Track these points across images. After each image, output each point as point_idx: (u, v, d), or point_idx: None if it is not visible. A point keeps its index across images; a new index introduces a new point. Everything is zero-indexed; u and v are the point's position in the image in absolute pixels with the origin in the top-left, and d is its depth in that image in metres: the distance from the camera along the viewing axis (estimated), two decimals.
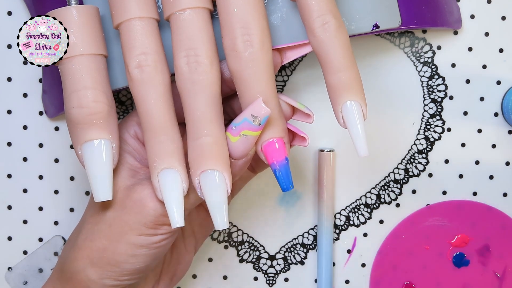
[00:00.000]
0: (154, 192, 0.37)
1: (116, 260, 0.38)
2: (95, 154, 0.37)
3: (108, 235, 0.38)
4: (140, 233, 0.38)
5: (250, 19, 0.35)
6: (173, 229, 0.39)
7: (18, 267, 0.50)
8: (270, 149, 0.37)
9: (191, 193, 0.37)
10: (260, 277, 0.52)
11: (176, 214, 0.36)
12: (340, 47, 0.36)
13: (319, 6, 0.36)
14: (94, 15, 0.37)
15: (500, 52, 0.49)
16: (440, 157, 0.50)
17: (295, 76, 0.49)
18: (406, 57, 0.49)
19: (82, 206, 0.50)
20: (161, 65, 0.36)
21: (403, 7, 0.43)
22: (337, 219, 0.51)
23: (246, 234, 0.51)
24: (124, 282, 0.39)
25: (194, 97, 0.36)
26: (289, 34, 0.39)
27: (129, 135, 0.40)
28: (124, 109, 0.49)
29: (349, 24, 0.41)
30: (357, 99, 0.36)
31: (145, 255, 0.38)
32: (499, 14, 0.49)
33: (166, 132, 0.36)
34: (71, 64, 0.36)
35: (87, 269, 0.38)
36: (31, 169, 0.50)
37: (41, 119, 0.49)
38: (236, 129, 0.36)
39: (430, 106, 0.50)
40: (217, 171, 0.36)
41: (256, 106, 0.35)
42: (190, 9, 0.36)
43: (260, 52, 0.35)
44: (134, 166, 0.40)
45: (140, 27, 0.36)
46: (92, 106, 0.36)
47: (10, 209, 0.50)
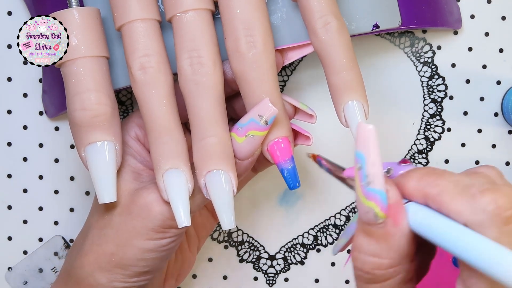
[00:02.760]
0: (160, 196, 0.37)
1: (124, 264, 0.38)
2: (98, 156, 0.37)
3: (116, 240, 0.38)
4: (147, 237, 0.38)
5: (252, 20, 0.36)
6: (180, 231, 0.39)
7: (18, 267, 0.50)
8: (276, 149, 0.37)
9: (197, 194, 0.37)
10: (260, 277, 0.52)
11: (182, 214, 0.36)
12: (342, 47, 0.36)
13: (321, 6, 0.36)
14: (96, 17, 0.37)
15: (500, 52, 0.49)
16: (440, 157, 0.50)
17: (296, 76, 0.49)
18: (406, 57, 0.49)
19: (82, 206, 0.50)
20: (164, 66, 0.36)
21: (403, 7, 0.43)
22: (337, 219, 0.51)
23: (246, 234, 0.51)
24: (133, 284, 0.39)
25: (198, 98, 0.36)
26: (290, 34, 0.40)
27: (130, 137, 0.40)
28: (124, 109, 0.49)
29: (349, 24, 0.41)
30: (359, 98, 0.37)
31: (154, 258, 0.38)
32: (499, 14, 0.49)
33: (170, 133, 0.36)
34: (74, 67, 0.36)
35: (95, 274, 0.38)
36: (31, 169, 0.49)
37: (41, 119, 0.49)
38: (243, 129, 0.36)
39: (430, 106, 0.50)
40: (222, 171, 0.36)
41: (263, 106, 0.35)
42: (192, 11, 0.36)
43: (264, 53, 0.36)
44: (137, 168, 0.40)
45: (143, 28, 0.36)
46: (95, 108, 0.36)
47: (10, 209, 0.50)
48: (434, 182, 0.28)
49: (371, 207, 0.28)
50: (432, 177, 0.28)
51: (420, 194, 0.28)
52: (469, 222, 0.26)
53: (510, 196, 0.26)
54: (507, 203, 0.26)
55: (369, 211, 0.28)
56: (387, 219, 0.28)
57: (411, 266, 0.30)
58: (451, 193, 0.27)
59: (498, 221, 0.26)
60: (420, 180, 0.29)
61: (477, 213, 0.26)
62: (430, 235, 0.28)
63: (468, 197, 0.27)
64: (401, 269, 0.29)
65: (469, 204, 0.26)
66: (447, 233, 0.27)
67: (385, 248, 0.29)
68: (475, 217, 0.26)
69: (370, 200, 0.28)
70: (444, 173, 0.28)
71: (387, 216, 0.28)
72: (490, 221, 0.26)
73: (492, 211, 0.26)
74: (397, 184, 0.29)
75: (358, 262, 0.30)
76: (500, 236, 0.26)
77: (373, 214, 0.28)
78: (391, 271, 0.29)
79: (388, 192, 0.28)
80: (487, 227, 0.26)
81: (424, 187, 0.28)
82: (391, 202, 0.28)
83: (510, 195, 0.26)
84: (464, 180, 0.28)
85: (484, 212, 0.26)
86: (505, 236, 0.26)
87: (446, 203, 0.27)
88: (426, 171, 0.29)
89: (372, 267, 0.29)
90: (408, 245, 0.29)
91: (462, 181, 0.28)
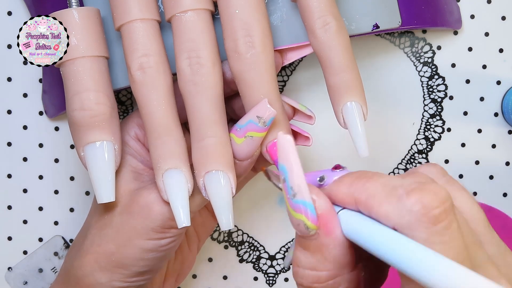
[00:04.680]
0: (160, 196, 0.37)
1: (124, 264, 0.38)
2: (97, 155, 0.37)
3: (116, 240, 0.38)
4: (148, 237, 0.38)
5: (251, 20, 0.36)
6: (180, 231, 0.39)
7: (18, 267, 0.50)
8: (275, 149, 0.37)
9: (196, 195, 0.37)
10: (260, 277, 0.52)
11: (182, 214, 0.36)
12: (340, 48, 0.36)
13: (320, 7, 0.36)
14: (95, 17, 0.37)
15: (500, 52, 0.49)
16: (440, 157, 0.50)
17: (295, 76, 0.49)
18: (406, 57, 0.49)
19: (82, 206, 0.50)
20: (163, 67, 0.36)
21: (403, 7, 0.43)
22: None
23: (246, 234, 0.51)
24: (133, 284, 0.39)
25: (197, 98, 0.36)
26: (290, 35, 0.40)
27: (129, 137, 0.40)
28: (124, 109, 0.49)
29: (349, 24, 0.41)
30: (358, 99, 0.37)
31: (154, 258, 0.38)
32: (499, 14, 0.49)
33: (169, 133, 0.36)
34: (73, 66, 0.36)
35: (95, 273, 0.38)
36: (31, 169, 0.49)
37: (41, 119, 0.49)
38: (241, 130, 0.36)
39: (430, 106, 0.50)
40: (221, 172, 0.36)
41: (261, 107, 0.35)
42: (191, 11, 0.36)
43: (262, 53, 0.36)
44: (137, 168, 0.40)
45: (142, 29, 0.36)
46: (94, 108, 0.36)
47: (10, 209, 0.50)
48: (363, 186, 0.27)
49: (301, 219, 0.27)
50: (361, 181, 0.27)
51: (351, 200, 0.27)
52: (397, 225, 0.25)
53: (438, 194, 0.25)
54: (434, 201, 0.24)
55: (300, 224, 0.27)
56: (319, 229, 0.27)
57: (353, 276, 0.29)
58: (379, 197, 0.26)
59: (425, 221, 0.24)
60: (351, 185, 0.27)
61: (404, 215, 0.25)
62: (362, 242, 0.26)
63: (395, 199, 0.25)
64: (342, 280, 0.28)
65: (396, 206, 0.25)
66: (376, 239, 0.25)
67: (321, 259, 0.28)
68: (402, 219, 0.25)
69: (298, 212, 0.27)
70: (373, 176, 0.27)
71: (318, 227, 0.27)
72: (417, 222, 0.24)
73: (418, 211, 0.24)
74: (330, 192, 0.28)
75: (298, 277, 0.29)
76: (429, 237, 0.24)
77: (303, 226, 0.27)
78: (331, 283, 0.28)
79: (315, 202, 0.27)
80: (414, 229, 0.24)
81: (354, 192, 0.27)
82: (320, 212, 0.27)
83: (438, 193, 0.25)
84: (393, 182, 0.26)
85: (411, 213, 0.24)
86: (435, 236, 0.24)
87: (374, 207, 0.26)
88: (357, 175, 0.28)
89: (311, 281, 0.28)
90: (345, 255, 0.28)
91: (390, 183, 0.26)
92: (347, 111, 0.37)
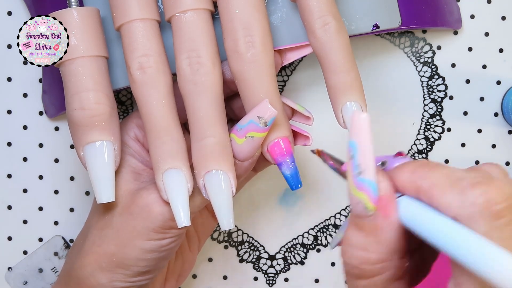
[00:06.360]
0: (160, 197, 0.37)
1: (125, 264, 0.38)
2: (97, 155, 0.37)
3: (116, 240, 0.38)
4: (148, 238, 0.38)
5: (251, 20, 0.36)
6: (181, 231, 0.39)
7: (18, 267, 0.50)
8: (276, 150, 0.37)
9: (196, 195, 0.37)
10: (260, 277, 0.52)
11: (182, 214, 0.36)
12: (340, 48, 0.36)
13: (320, 7, 0.36)
14: (95, 16, 0.37)
15: (500, 52, 0.49)
16: (440, 157, 0.50)
17: (295, 76, 0.49)
18: (406, 57, 0.49)
19: (82, 206, 0.50)
20: (163, 66, 0.36)
21: (403, 7, 0.43)
22: (337, 219, 0.51)
23: (246, 234, 0.51)
24: (134, 284, 0.39)
25: (197, 98, 0.36)
26: (290, 35, 0.40)
27: (129, 137, 0.40)
28: (124, 109, 0.49)
29: (349, 24, 0.41)
30: (357, 99, 0.37)
31: (154, 258, 0.38)
32: (499, 14, 0.49)
33: (169, 133, 0.36)
34: (73, 66, 0.36)
35: (96, 274, 0.38)
36: (31, 169, 0.50)
37: (41, 119, 0.49)
38: (242, 131, 0.36)
39: (430, 106, 0.50)
40: (221, 172, 0.36)
41: (262, 108, 0.35)
42: (191, 11, 0.36)
43: (262, 53, 0.36)
44: (137, 168, 0.40)
45: (142, 28, 0.36)
46: (94, 108, 0.36)
47: (10, 209, 0.50)
48: (426, 174, 0.27)
49: (361, 198, 0.28)
50: (424, 169, 0.28)
51: (413, 187, 0.28)
52: (458, 215, 0.25)
53: (503, 189, 0.25)
54: (499, 196, 0.25)
55: (359, 202, 0.28)
56: (377, 211, 0.28)
57: (401, 264, 0.29)
58: (442, 186, 0.26)
59: (488, 215, 0.25)
60: (413, 173, 0.28)
61: (466, 206, 0.25)
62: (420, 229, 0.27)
63: (459, 190, 0.26)
64: (390, 266, 0.29)
65: (459, 197, 0.26)
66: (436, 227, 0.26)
67: (374, 241, 0.28)
68: (464, 210, 0.25)
69: (361, 190, 0.28)
70: (437, 166, 0.28)
71: (377, 208, 0.28)
72: (479, 215, 0.25)
73: (481, 204, 0.25)
74: (391, 177, 0.29)
75: (346, 256, 0.29)
76: (489, 230, 0.25)
77: (363, 205, 0.28)
78: (378, 267, 0.29)
79: (380, 183, 0.28)
80: (476, 221, 0.25)
81: (416, 180, 0.28)
82: (381, 194, 0.28)
83: (503, 189, 0.25)
84: (457, 173, 0.27)
85: (474, 205, 0.25)
86: (494, 231, 0.25)
87: (436, 196, 0.26)
88: (420, 163, 0.28)
89: (359, 261, 0.29)
90: (398, 240, 0.28)
91: (454, 174, 0.27)
92: (346, 111, 0.37)
